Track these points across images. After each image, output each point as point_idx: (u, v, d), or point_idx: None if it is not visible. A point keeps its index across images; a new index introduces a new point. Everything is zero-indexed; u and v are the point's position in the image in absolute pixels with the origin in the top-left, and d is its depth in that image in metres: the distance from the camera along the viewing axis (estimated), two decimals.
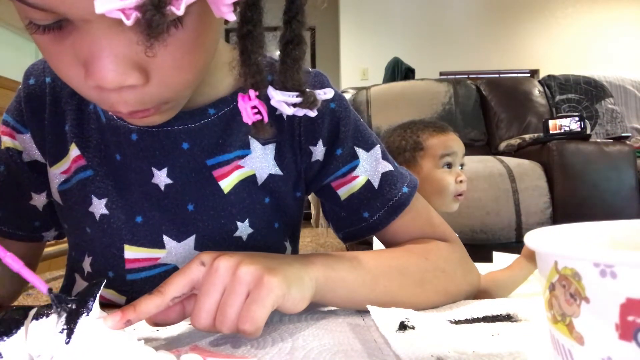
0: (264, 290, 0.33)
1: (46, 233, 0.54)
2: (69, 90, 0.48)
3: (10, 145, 0.49)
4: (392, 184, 0.51)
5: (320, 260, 0.40)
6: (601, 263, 0.18)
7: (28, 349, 0.27)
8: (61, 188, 0.49)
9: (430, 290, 0.46)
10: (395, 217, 0.51)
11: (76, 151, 0.48)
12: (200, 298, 0.33)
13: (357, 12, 4.70)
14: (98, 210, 0.47)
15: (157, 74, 0.32)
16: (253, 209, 0.50)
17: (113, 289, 0.49)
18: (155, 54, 0.29)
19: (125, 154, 0.46)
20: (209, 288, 0.33)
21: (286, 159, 0.50)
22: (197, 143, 0.46)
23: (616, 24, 4.67)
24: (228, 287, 0.33)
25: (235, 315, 0.32)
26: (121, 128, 0.45)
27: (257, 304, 0.32)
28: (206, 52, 0.35)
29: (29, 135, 0.49)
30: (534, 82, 2.93)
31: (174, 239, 0.48)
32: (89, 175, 0.47)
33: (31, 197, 0.51)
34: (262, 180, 0.49)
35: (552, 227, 0.26)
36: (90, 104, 0.48)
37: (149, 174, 0.46)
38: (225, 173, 0.48)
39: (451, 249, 0.52)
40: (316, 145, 0.50)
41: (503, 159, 1.97)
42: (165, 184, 0.46)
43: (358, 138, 0.52)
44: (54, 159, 0.49)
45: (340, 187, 0.51)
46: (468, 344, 0.32)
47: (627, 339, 0.17)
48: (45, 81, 0.49)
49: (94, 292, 0.28)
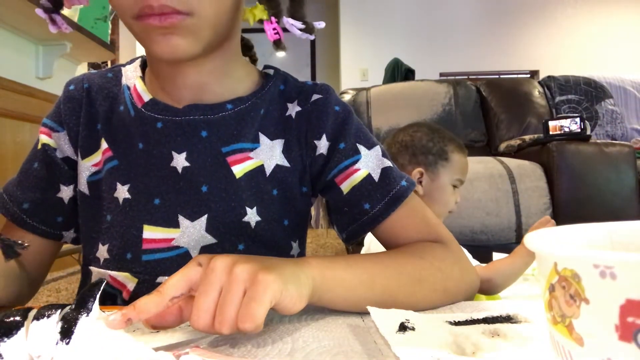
0: (261, 287, 0.33)
1: (66, 233, 0.58)
2: (103, 94, 0.56)
3: (46, 142, 0.56)
4: (391, 177, 0.54)
5: (316, 261, 0.41)
6: (601, 264, 0.18)
7: (28, 349, 0.27)
8: (91, 179, 0.55)
9: (428, 289, 0.47)
10: (395, 208, 0.53)
11: (105, 145, 0.55)
12: (198, 298, 0.33)
13: (357, 13, 4.70)
14: (121, 195, 0.53)
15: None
16: (261, 198, 0.54)
17: (128, 271, 0.52)
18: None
19: (149, 142, 0.53)
20: (206, 288, 0.33)
21: (293, 152, 0.55)
22: (214, 132, 0.52)
23: (616, 25, 4.67)
24: (225, 286, 0.33)
25: (234, 314, 0.32)
26: (148, 118, 0.53)
27: (255, 301, 0.32)
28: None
29: (64, 133, 0.56)
30: (534, 82, 2.93)
31: (188, 218, 0.52)
32: (115, 165, 0.54)
33: (59, 190, 0.57)
34: (269, 171, 0.54)
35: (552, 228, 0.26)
36: (121, 105, 0.55)
37: (169, 158, 0.52)
38: (238, 160, 0.53)
39: (446, 249, 0.53)
40: (320, 140, 0.55)
41: (503, 160, 1.97)
42: (183, 166, 0.52)
43: (360, 137, 0.56)
44: (85, 152, 0.55)
45: (343, 181, 0.54)
46: (468, 345, 0.32)
47: (627, 340, 0.17)
48: (84, 87, 0.57)
49: (94, 293, 0.28)
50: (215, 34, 0.47)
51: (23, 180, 0.56)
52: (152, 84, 0.55)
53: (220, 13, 0.46)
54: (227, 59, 0.53)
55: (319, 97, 0.56)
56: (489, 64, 4.69)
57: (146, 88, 0.55)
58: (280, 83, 0.58)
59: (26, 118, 2.20)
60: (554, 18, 4.70)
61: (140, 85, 0.55)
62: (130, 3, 0.43)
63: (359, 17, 4.70)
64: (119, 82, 0.57)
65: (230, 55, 0.54)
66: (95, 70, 0.61)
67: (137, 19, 0.43)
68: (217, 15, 0.46)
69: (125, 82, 0.57)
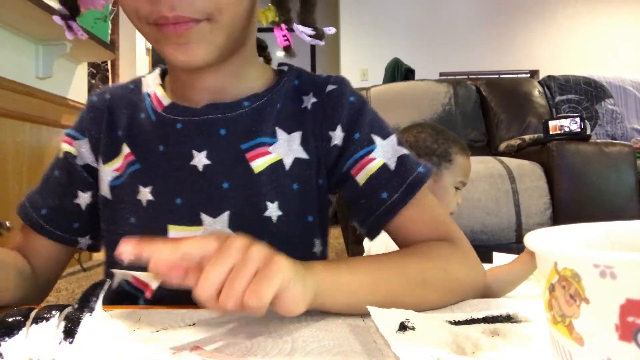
0: (274, 268, 0.33)
1: (81, 239, 0.59)
2: (124, 103, 0.58)
3: (68, 149, 0.58)
4: (408, 164, 0.54)
5: (320, 266, 0.41)
6: (601, 264, 0.18)
7: (28, 352, 0.27)
8: (113, 184, 0.56)
9: (432, 291, 0.46)
10: (413, 196, 0.52)
11: (126, 149, 0.56)
12: (208, 268, 0.33)
13: (357, 13, 4.70)
14: (144, 197, 0.54)
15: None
16: (282, 193, 0.54)
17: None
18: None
19: (169, 143, 0.54)
20: (219, 260, 0.33)
21: (310, 144, 0.56)
22: (233, 130, 0.53)
23: (616, 25, 4.67)
24: (238, 263, 0.33)
25: (242, 290, 0.32)
26: (168, 120, 0.54)
27: (266, 279, 0.32)
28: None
29: (86, 140, 0.58)
30: (533, 82, 2.93)
31: (210, 215, 0.52)
32: (137, 168, 0.55)
33: (77, 196, 0.58)
34: (289, 165, 0.55)
35: (552, 227, 0.26)
36: (142, 112, 0.56)
37: (189, 157, 0.53)
38: (256, 155, 0.54)
39: (454, 248, 0.52)
40: (335, 130, 0.55)
41: (503, 160, 1.97)
42: (204, 164, 0.53)
43: (375, 127, 0.56)
44: (106, 158, 0.57)
45: (358, 172, 0.54)
46: (468, 345, 0.32)
47: (627, 339, 0.17)
48: (105, 97, 0.59)
49: (97, 292, 0.29)
50: (231, 40, 0.48)
51: (43, 188, 0.59)
52: (171, 89, 0.57)
53: (235, 19, 0.47)
54: (243, 62, 0.54)
55: (334, 87, 0.57)
56: (489, 64, 4.69)
57: (166, 94, 0.56)
58: (295, 78, 0.59)
59: (26, 118, 2.20)
60: (554, 18, 4.70)
61: (160, 92, 0.56)
62: (145, 12, 0.44)
63: (359, 17, 4.70)
64: (139, 91, 0.59)
65: (246, 58, 0.55)
66: (117, 84, 0.64)
67: (152, 27, 0.45)
68: (232, 20, 0.46)
69: (145, 90, 0.58)
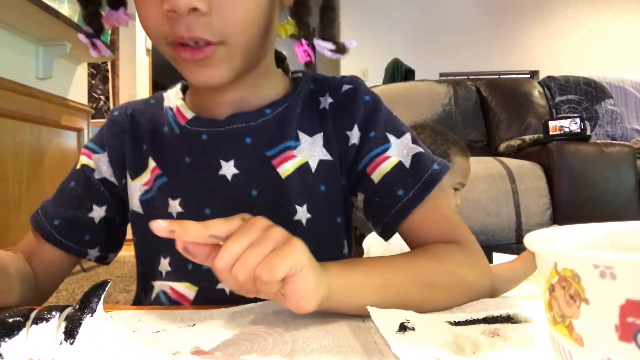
0: (290, 247, 0.34)
1: (90, 250, 0.60)
2: (146, 117, 0.59)
3: (86, 162, 0.59)
4: (422, 162, 0.54)
5: (334, 267, 0.41)
6: (601, 264, 0.18)
7: (28, 352, 0.27)
8: (143, 198, 0.57)
9: (441, 294, 0.46)
10: (428, 193, 0.52)
11: (153, 163, 0.57)
12: (228, 242, 0.34)
13: (357, 12, 4.70)
14: (174, 209, 0.55)
15: (218, 6, 0.43)
16: (310, 195, 0.55)
17: (188, 280, 0.54)
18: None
19: (195, 155, 0.55)
20: (239, 236, 0.34)
21: (332, 145, 0.56)
22: (257, 138, 0.54)
23: (616, 25, 4.67)
24: (256, 240, 0.34)
25: (256, 263, 0.33)
26: (193, 132, 0.55)
27: (279, 256, 0.33)
28: (257, 9, 0.46)
29: (105, 154, 0.59)
30: (533, 83, 2.93)
31: None
32: (165, 181, 0.56)
33: (92, 209, 0.58)
34: (314, 167, 0.55)
35: (552, 228, 0.26)
36: (165, 126, 0.57)
37: (217, 167, 0.54)
38: (282, 160, 0.54)
39: (464, 251, 0.52)
40: (352, 130, 0.56)
41: (503, 160, 1.97)
42: (233, 173, 0.54)
43: (389, 126, 0.56)
44: (134, 173, 0.58)
45: (373, 170, 0.55)
46: (468, 345, 0.32)
47: (627, 340, 0.17)
48: (127, 112, 0.60)
49: (98, 293, 0.28)
50: (248, 60, 0.49)
51: (58, 198, 0.59)
52: (193, 103, 0.57)
53: (251, 39, 0.47)
54: (262, 75, 0.55)
55: (349, 87, 0.58)
56: (489, 64, 4.69)
57: (187, 108, 0.57)
58: (310, 82, 0.60)
59: (26, 118, 2.20)
60: (554, 18, 4.70)
61: (182, 105, 0.57)
62: (164, 32, 0.45)
63: (359, 17, 4.70)
64: (161, 106, 0.60)
65: (265, 72, 0.56)
66: (138, 99, 0.64)
67: (170, 47, 0.46)
68: (249, 42, 0.47)
69: (167, 105, 0.59)
